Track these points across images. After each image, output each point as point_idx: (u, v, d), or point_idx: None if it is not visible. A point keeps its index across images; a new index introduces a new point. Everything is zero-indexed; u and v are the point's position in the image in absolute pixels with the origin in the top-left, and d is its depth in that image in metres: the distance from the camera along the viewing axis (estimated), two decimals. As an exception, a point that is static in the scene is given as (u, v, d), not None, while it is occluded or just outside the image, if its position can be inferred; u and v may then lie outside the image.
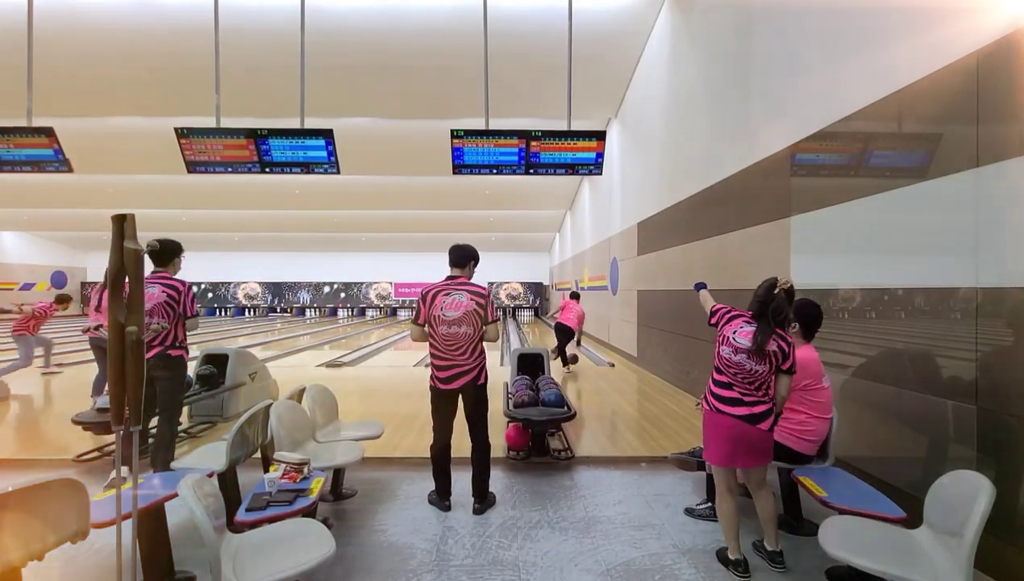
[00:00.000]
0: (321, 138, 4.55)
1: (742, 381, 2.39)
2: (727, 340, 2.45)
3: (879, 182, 2.95)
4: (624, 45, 7.75)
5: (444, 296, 2.99)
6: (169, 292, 3.28)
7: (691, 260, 5.93)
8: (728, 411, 2.40)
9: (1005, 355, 2.21)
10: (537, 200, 17.26)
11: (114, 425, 1.86)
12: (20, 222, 19.90)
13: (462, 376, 3.01)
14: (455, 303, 2.97)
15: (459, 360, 3.00)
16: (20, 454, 3.96)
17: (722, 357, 2.46)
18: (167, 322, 3.25)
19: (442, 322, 2.97)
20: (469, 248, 3.15)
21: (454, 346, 2.98)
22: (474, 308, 2.99)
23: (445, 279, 3.10)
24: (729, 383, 2.43)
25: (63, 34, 6.61)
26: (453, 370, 3.01)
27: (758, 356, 2.34)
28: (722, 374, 2.47)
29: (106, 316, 4.91)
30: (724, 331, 2.49)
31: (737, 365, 2.39)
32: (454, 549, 2.64)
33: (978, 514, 1.78)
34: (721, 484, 2.50)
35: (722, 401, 2.44)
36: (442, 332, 2.97)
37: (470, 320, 2.98)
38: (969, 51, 2.34)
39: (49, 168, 4.66)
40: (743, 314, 2.51)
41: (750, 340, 2.35)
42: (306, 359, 9.81)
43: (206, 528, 1.79)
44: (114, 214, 1.82)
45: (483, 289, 3.08)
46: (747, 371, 2.37)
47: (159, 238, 3.16)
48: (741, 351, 2.38)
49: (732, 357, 2.41)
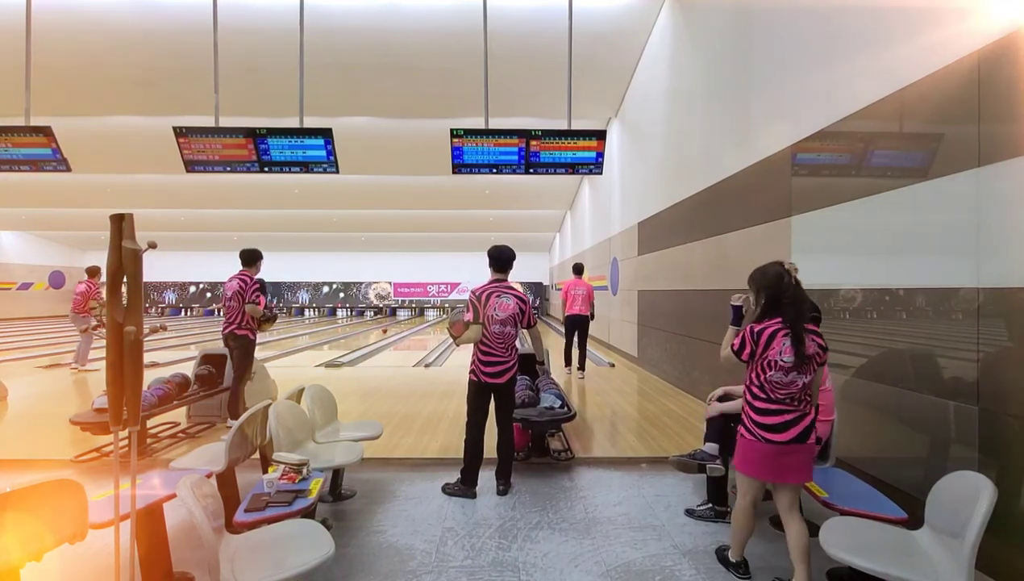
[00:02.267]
0: (320, 137, 4.54)
1: (791, 400, 2.15)
2: (775, 364, 2.13)
3: (880, 182, 2.95)
4: (624, 44, 7.74)
5: (496, 298, 3.27)
6: (240, 283, 4.45)
7: (692, 260, 5.93)
8: (778, 439, 2.14)
9: (1007, 355, 2.21)
10: (537, 200, 17.24)
11: (112, 425, 1.85)
12: (18, 221, 19.85)
13: (508, 372, 3.31)
14: (504, 305, 3.26)
15: (505, 356, 3.29)
16: (18, 454, 3.94)
17: (771, 383, 2.15)
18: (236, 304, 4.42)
19: (494, 321, 3.24)
20: (510, 250, 3.43)
21: (503, 344, 3.27)
22: (517, 312, 3.30)
23: (492, 281, 3.35)
24: (779, 409, 2.15)
25: (61, 33, 6.59)
26: (501, 366, 3.28)
27: (805, 365, 2.11)
28: (769, 400, 2.17)
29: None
30: (769, 356, 2.15)
31: (789, 385, 2.13)
32: (454, 550, 2.64)
33: (979, 515, 1.77)
34: (747, 496, 2.28)
35: (770, 430, 2.15)
36: (494, 331, 3.24)
37: (513, 322, 3.29)
38: (971, 50, 2.33)
39: (47, 167, 4.65)
40: (768, 325, 2.18)
41: (794, 355, 2.10)
42: (305, 359, 9.79)
43: (204, 529, 1.78)
44: (112, 214, 1.81)
45: (525, 296, 3.43)
46: (797, 387, 2.13)
47: (246, 248, 4.62)
48: (792, 370, 2.11)
49: (784, 379, 2.13)
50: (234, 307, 4.43)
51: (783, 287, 2.18)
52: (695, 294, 5.82)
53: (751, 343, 2.19)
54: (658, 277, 7.22)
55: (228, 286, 4.48)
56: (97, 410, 3.71)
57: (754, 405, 2.21)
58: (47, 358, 9.49)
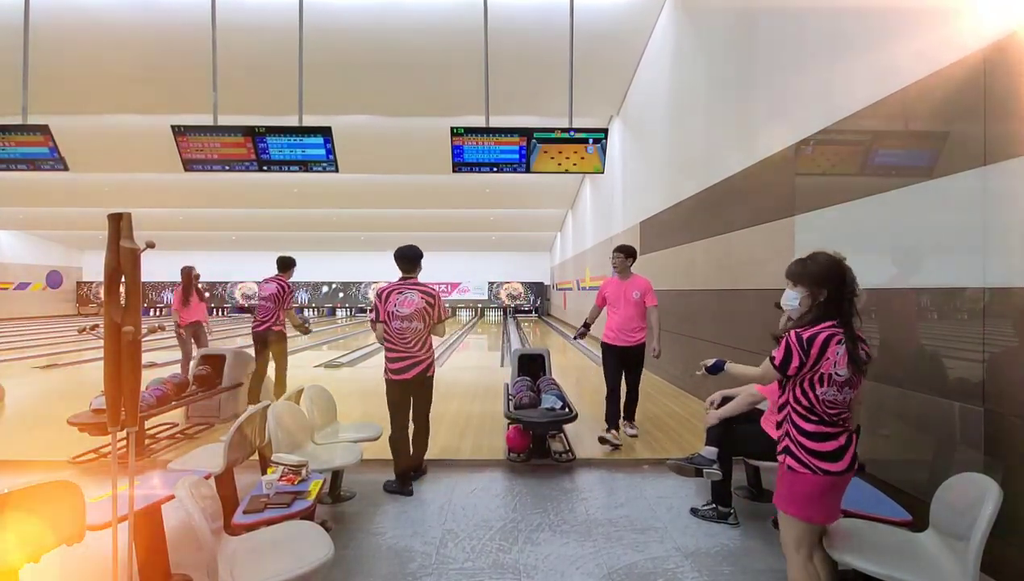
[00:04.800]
0: (320, 136, 4.52)
1: (844, 420, 1.86)
2: (828, 379, 1.81)
3: (885, 181, 2.93)
4: (626, 42, 7.72)
5: (397, 294, 3.33)
6: (279, 288, 4.98)
7: (694, 260, 5.91)
8: (836, 468, 1.82)
9: (1013, 356, 2.19)
10: (538, 199, 17.20)
11: (110, 426, 1.83)
12: (15, 221, 19.79)
13: (414, 367, 3.32)
14: (406, 301, 3.31)
15: (409, 352, 3.32)
16: (15, 455, 3.91)
17: (824, 402, 1.83)
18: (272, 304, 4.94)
19: (395, 318, 3.30)
20: (415, 249, 3.44)
21: (405, 339, 3.31)
22: (423, 306, 3.31)
23: (398, 280, 3.41)
24: (835, 432, 1.83)
25: (59, 31, 6.56)
26: (405, 362, 3.31)
27: (861, 375, 1.84)
28: (822, 423, 1.84)
29: (193, 312, 5.87)
30: (822, 369, 1.81)
31: (842, 403, 1.83)
32: (454, 552, 2.62)
33: (985, 517, 1.75)
34: (802, 549, 1.89)
35: (826, 458, 1.82)
36: (395, 327, 3.30)
37: (421, 317, 3.31)
38: (976, 48, 2.32)
39: (44, 166, 4.62)
40: (819, 330, 1.83)
41: (848, 364, 1.80)
42: (304, 359, 9.76)
43: (203, 531, 1.76)
44: (110, 213, 1.79)
45: (433, 291, 3.42)
46: (846, 403, 1.84)
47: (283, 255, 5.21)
48: (846, 384, 1.82)
49: (837, 396, 1.82)
50: (270, 308, 4.90)
51: (847, 283, 1.87)
52: (698, 294, 5.80)
53: (799, 353, 1.81)
54: (660, 277, 7.19)
55: (265, 287, 4.97)
56: (95, 411, 3.68)
57: (803, 428, 1.85)
58: (44, 358, 9.47)
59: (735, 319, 4.81)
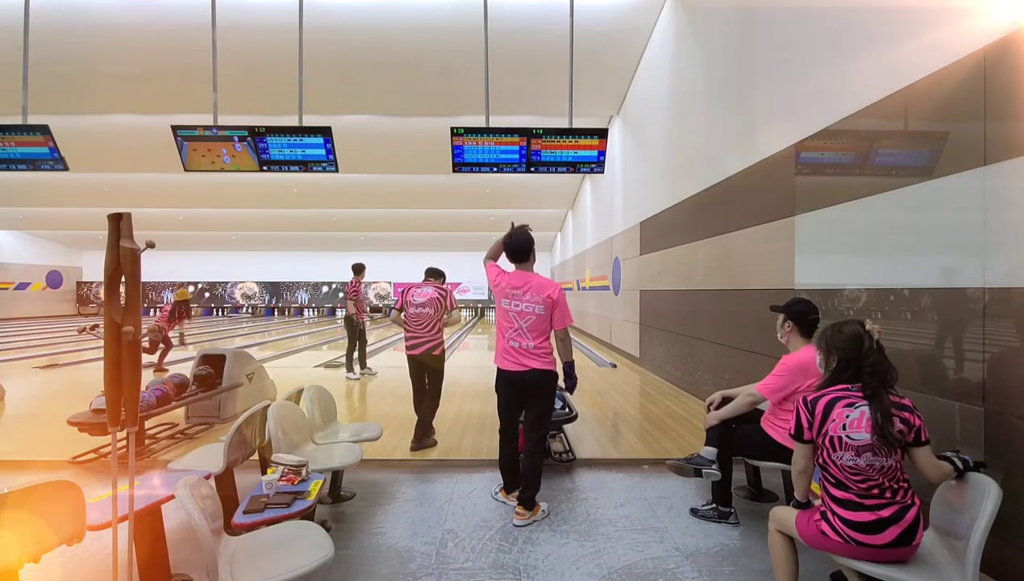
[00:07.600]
0: (320, 136, 4.51)
1: (880, 491, 1.80)
2: (840, 443, 1.81)
3: (885, 181, 2.93)
4: (626, 42, 7.71)
5: (417, 289, 4.24)
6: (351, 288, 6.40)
7: (694, 260, 5.91)
8: (874, 541, 1.77)
9: (1013, 356, 2.19)
10: (538, 199, 17.20)
11: (110, 426, 1.83)
12: (15, 221, 19.79)
13: (421, 346, 4.15)
14: (422, 293, 4.19)
15: (420, 332, 4.16)
16: (15, 455, 3.91)
17: (843, 467, 1.81)
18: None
19: (412, 305, 4.17)
20: (438, 269, 4.49)
21: (419, 323, 4.16)
22: (436, 297, 4.18)
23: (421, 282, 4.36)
24: (870, 504, 1.79)
25: (59, 30, 6.56)
26: (415, 339, 4.17)
27: (888, 446, 1.77)
28: (848, 490, 1.82)
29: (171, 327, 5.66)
30: (829, 431, 1.83)
31: (867, 469, 1.79)
32: (454, 552, 2.62)
33: (984, 517, 1.75)
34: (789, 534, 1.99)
35: (859, 529, 1.78)
36: (411, 312, 4.16)
37: (434, 305, 4.16)
38: (977, 48, 2.32)
39: (44, 166, 4.62)
40: (824, 392, 1.89)
41: (870, 430, 1.77)
42: (304, 359, 9.77)
43: (203, 531, 1.76)
44: (110, 213, 1.79)
45: (446, 289, 4.34)
46: (880, 470, 1.79)
47: (356, 262, 6.30)
48: (866, 449, 1.78)
49: (857, 462, 1.79)
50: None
51: (863, 353, 1.87)
52: (698, 294, 5.80)
53: (806, 415, 1.87)
54: (660, 277, 7.20)
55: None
56: (95, 411, 3.68)
57: (833, 495, 1.85)
58: (44, 358, 9.47)
59: (735, 319, 4.81)
